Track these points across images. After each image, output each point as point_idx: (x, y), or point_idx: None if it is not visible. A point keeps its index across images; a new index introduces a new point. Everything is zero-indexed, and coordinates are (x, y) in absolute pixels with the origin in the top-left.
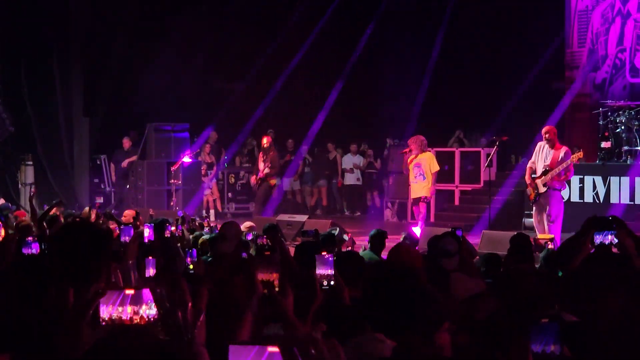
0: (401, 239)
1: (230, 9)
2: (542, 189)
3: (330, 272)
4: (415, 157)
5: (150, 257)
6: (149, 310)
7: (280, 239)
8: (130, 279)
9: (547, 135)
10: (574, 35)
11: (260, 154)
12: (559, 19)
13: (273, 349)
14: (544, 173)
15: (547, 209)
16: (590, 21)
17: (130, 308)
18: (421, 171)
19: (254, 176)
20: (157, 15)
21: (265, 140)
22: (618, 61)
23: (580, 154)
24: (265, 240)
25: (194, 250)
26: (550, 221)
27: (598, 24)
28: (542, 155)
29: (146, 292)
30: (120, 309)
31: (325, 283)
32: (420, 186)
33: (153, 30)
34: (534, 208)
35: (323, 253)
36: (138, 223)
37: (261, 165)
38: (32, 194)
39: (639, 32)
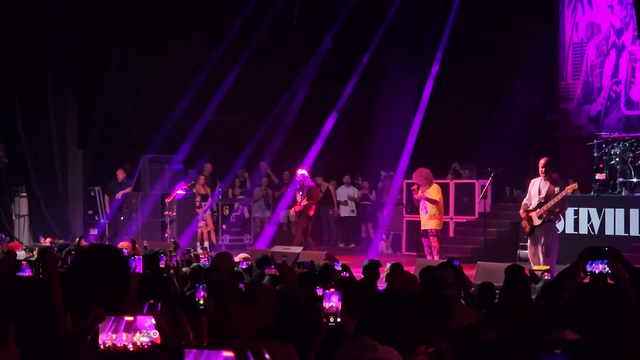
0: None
1: (223, 40)
2: (537, 222)
3: (337, 306)
4: (423, 190)
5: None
6: (142, 337)
7: (291, 269)
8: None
9: (545, 168)
10: (569, 68)
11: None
12: (554, 51)
13: (228, 353)
14: (539, 206)
15: (542, 240)
16: (585, 53)
17: (125, 335)
18: (424, 204)
19: (293, 209)
20: (151, 47)
21: (300, 173)
22: (613, 93)
23: (574, 186)
24: (273, 270)
25: (202, 286)
26: (545, 253)
27: (593, 56)
28: (535, 189)
29: (142, 319)
30: (114, 335)
31: (332, 319)
32: (425, 219)
33: (147, 62)
34: (528, 241)
35: (332, 289)
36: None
37: (299, 198)
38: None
39: (634, 64)
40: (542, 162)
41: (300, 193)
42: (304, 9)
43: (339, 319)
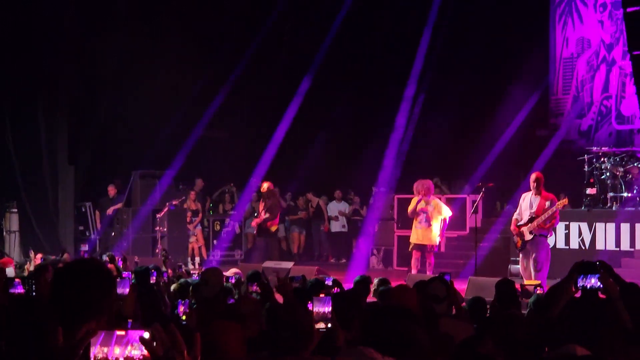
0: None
1: (215, 57)
2: (529, 237)
3: (328, 311)
4: (425, 202)
5: None
6: (134, 351)
7: (268, 284)
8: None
9: (536, 183)
10: (559, 83)
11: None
12: (544, 66)
13: (120, 332)
14: (530, 220)
15: (534, 255)
16: (575, 68)
17: (117, 348)
18: (427, 217)
19: (255, 221)
20: (141, 63)
21: (265, 186)
22: (604, 108)
23: (565, 201)
24: (255, 287)
25: (187, 301)
26: (537, 268)
27: (583, 71)
28: (526, 204)
29: (134, 334)
30: (105, 349)
31: (322, 325)
32: (424, 233)
33: (137, 78)
34: (520, 255)
35: (321, 295)
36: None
37: (261, 209)
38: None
39: (624, 79)
40: (533, 176)
41: (263, 205)
42: (295, 25)
43: (329, 325)
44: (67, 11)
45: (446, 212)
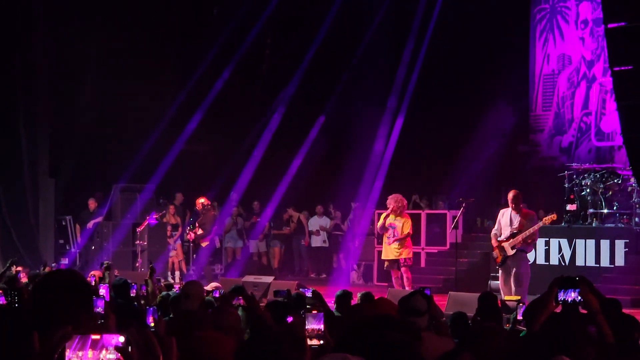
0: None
1: (195, 71)
2: (510, 252)
3: (321, 328)
4: (392, 216)
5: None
6: (109, 355)
7: (253, 297)
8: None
9: (515, 200)
10: (539, 99)
11: (188, 214)
12: (525, 82)
13: (95, 336)
14: (512, 236)
15: (514, 270)
16: (556, 85)
17: (91, 352)
18: (395, 233)
19: (190, 235)
20: (125, 76)
21: (200, 202)
22: (583, 124)
23: (553, 217)
24: (241, 300)
25: (153, 308)
26: (517, 283)
27: (564, 87)
28: (506, 220)
29: (108, 337)
30: (80, 353)
31: (315, 341)
32: (393, 249)
33: (118, 91)
34: (500, 271)
35: (314, 311)
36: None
37: (195, 226)
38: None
39: (605, 96)
40: (510, 195)
41: (196, 221)
42: (276, 39)
43: (321, 341)
44: (47, 22)
45: (406, 229)
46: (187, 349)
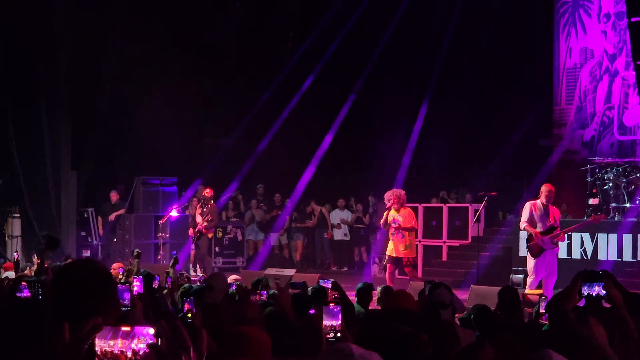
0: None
1: (219, 64)
2: (552, 246)
3: (338, 323)
4: (394, 211)
5: None
6: (140, 344)
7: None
8: None
9: (550, 194)
10: (562, 93)
11: (198, 206)
12: (547, 76)
13: (126, 328)
14: (549, 230)
15: (549, 266)
16: (578, 79)
17: (122, 342)
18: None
19: (191, 229)
20: (147, 68)
21: (206, 192)
22: (606, 119)
23: (603, 216)
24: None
25: (192, 299)
26: (549, 277)
27: (586, 81)
28: (541, 214)
29: (139, 329)
30: (112, 342)
31: (331, 335)
32: (397, 244)
33: (142, 84)
34: (534, 262)
35: (331, 305)
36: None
37: (199, 218)
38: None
39: (627, 89)
40: (547, 188)
41: (201, 212)
42: (299, 31)
43: (339, 334)
44: (70, 18)
45: (408, 222)
46: (226, 342)
